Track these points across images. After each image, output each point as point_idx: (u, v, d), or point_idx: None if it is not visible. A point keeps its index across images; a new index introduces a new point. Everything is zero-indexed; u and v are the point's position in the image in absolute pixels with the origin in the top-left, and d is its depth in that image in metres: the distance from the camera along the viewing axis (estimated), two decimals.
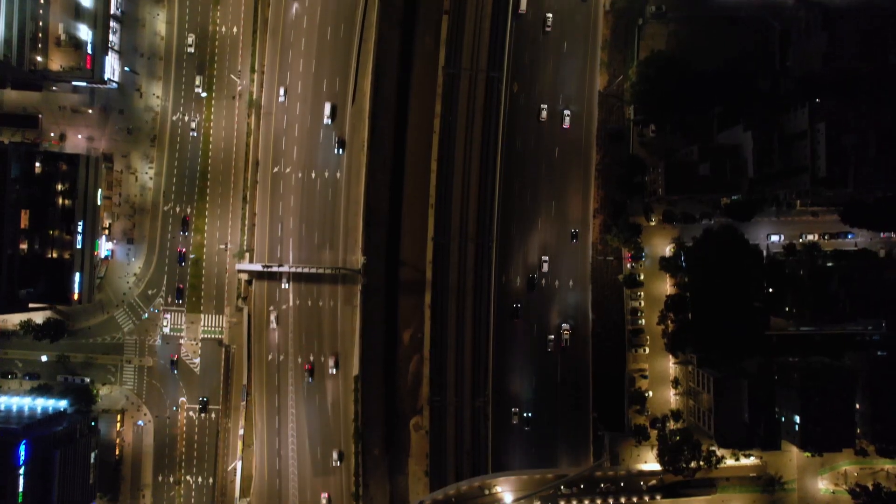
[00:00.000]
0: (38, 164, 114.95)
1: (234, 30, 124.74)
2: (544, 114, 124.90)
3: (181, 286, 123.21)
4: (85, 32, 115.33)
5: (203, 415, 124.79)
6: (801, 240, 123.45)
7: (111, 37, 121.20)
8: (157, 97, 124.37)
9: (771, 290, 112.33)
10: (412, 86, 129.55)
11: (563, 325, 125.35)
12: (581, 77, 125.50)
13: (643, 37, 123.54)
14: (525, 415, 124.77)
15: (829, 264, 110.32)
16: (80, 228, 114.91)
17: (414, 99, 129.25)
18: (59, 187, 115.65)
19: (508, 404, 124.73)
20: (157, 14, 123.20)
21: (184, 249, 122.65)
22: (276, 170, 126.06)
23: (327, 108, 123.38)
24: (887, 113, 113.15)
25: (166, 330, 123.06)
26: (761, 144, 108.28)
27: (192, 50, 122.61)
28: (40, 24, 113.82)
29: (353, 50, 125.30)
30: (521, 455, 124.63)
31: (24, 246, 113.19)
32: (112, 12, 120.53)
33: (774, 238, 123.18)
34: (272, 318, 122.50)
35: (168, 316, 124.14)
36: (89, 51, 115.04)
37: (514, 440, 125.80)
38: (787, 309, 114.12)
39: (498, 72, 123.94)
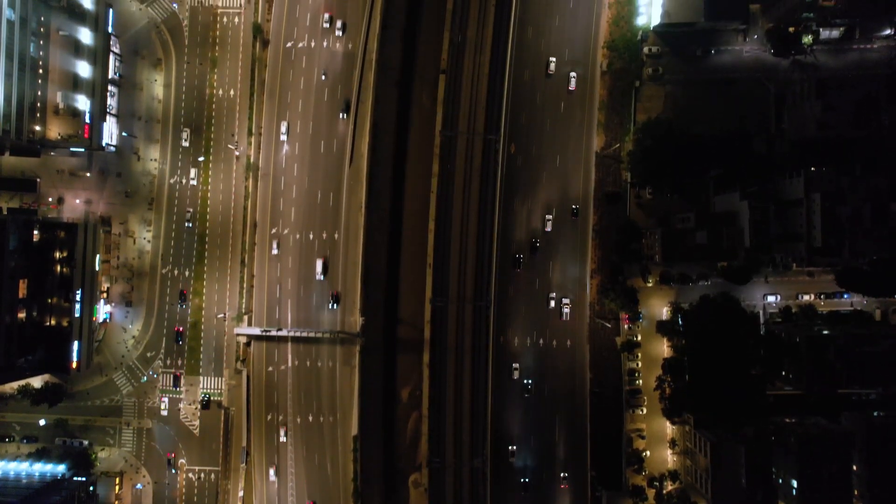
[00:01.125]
0: (36, 232, 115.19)
1: (231, 93, 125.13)
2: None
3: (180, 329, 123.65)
4: (83, 102, 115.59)
5: (202, 476, 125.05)
6: (797, 299, 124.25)
7: (109, 100, 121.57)
8: (155, 160, 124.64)
9: (768, 356, 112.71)
10: (410, 145, 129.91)
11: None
12: (578, 138, 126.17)
13: (640, 98, 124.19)
14: (523, 471, 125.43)
15: (826, 332, 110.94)
16: (78, 297, 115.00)
17: (411, 158, 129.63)
18: (58, 255, 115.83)
19: (507, 465, 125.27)
20: (155, 79, 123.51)
21: (181, 328, 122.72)
22: (274, 231, 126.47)
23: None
24: (881, 180, 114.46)
25: (164, 404, 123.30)
26: (757, 214, 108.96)
27: (186, 144, 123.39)
28: (39, 93, 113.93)
29: (351, 112, 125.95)
30: None
31: (21, 315, 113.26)
32: (110, 77, 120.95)
33: (771, 299, 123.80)
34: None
35: (166, 377, 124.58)
36: (87, 120, 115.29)
37: (514, 499, 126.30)
38: (783, 373, 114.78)
39: (495, 134, 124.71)
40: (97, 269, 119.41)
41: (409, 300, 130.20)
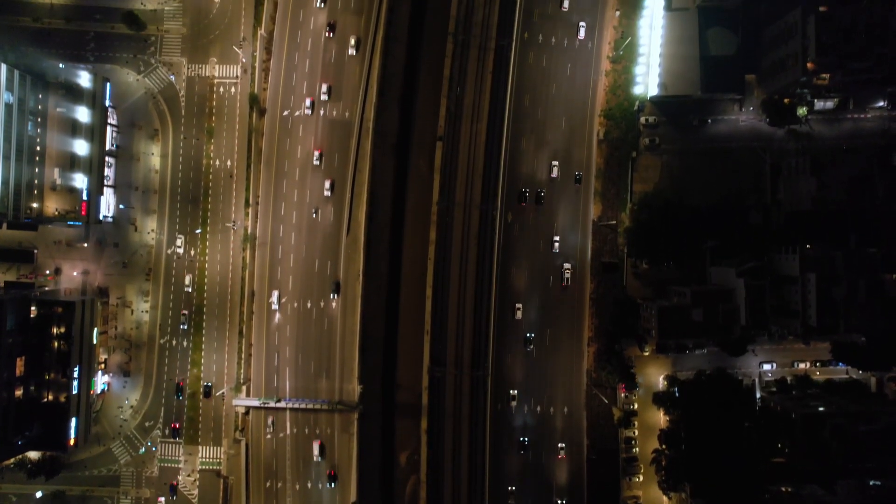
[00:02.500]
0: (33, 308, 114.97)
1: (228, 163, 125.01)
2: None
3: (177, 425, 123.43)
4: (80, 180, 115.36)
5: None
6: (792, 367, 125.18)
7: (106, 171, 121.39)
8: (153, 231, 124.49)
9: (764, 431, 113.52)
10: (407, 211, 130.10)
11: (560, 444, 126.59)
12: (575, 206, 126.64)
13: (637, 169, 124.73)
14: None
15: (821, 409, 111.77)
16: (75, 374, 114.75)
17: (409, 225, 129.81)
18: (55, 331, 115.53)
19: None
20: (152, 153, 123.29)
21: (177, 425, 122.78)
22: (271, 300, 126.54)
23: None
24: (875, 256, 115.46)
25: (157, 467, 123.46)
26: (753, 293, 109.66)
27: (180, 251, 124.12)
28: (36, 170, 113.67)
29: (348, 180, 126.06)
30: None
31: (19, 392, 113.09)
32: (107, 149, 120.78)
33: (767, 367, 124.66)
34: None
35: (165, 448, 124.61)
36: (85, 197, 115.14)
37: None
38: (779, 446, 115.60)
39: (492, 203, 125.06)
40: (95, 342, 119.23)
41: (407, 365, 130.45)
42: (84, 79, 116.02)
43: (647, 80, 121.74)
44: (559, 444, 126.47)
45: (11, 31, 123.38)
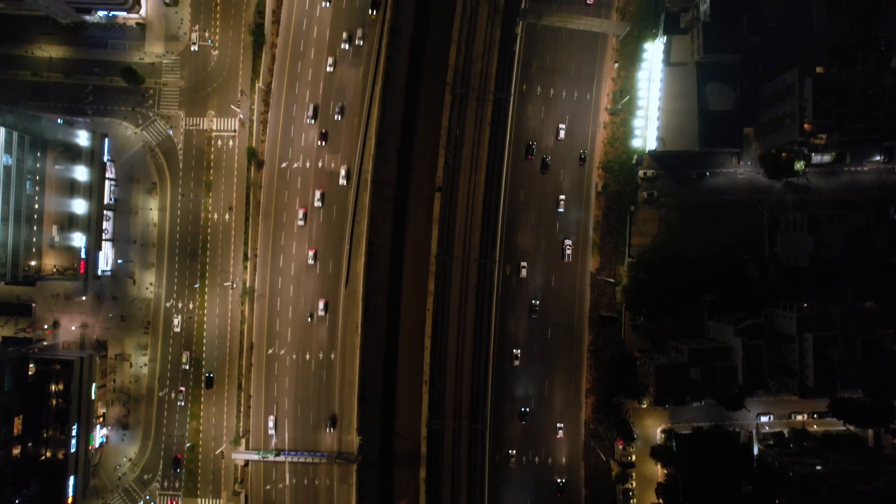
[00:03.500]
0: (31, 365, 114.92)
1: (227, 217, 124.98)
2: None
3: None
4: (78, 239, 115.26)
5: None
6: (790, 418, 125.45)
7: (104, 224, 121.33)
8: (151, 284, 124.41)
9: (761, 488, 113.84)
10: (405, 262, 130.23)
11: (558, 493, 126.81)
12: (573, 258, 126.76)
13: (635, 222, 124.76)
14: None
15: (818, 467, 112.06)
16: (74, 432, 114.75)
17: (408, 275, 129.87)
18: (53, 388, 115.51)
19: None
20: (150, 207, 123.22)
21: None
22: (270, 352, 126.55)
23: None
24: (872, 311, 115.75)
25: None
26: (751, 353, 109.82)
27: (186, 367, 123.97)
28: (34, 228, 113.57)
29: (346, 232, 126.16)
30: None
31: (16, 451, 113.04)
32: (105, 202, 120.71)
33: (764, 418, 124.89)
34: None
35: (164, 501, 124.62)
36: (83, 255, 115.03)
37: None
38: (776, 502, 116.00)
39: (490, 255, 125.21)
40: (93, 397, 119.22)
41: (406, 414, 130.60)
42: (82, 137, 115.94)
43: (646, 132, 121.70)
44: (557, 494, 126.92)
45: (11, 84, 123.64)
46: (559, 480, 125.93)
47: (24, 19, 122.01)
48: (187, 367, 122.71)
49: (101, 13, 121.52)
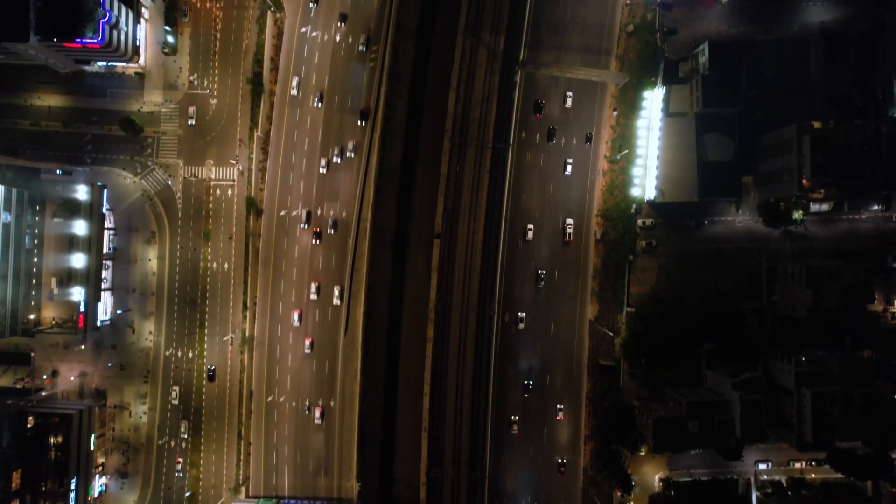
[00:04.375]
0: (30, 417, 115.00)
1: (225, 266, 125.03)
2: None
3: None
4: (77, 293, 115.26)
5: None
6: (788, 465, 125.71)
7: (103, 273, 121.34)
8: (151, 333, 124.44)
9: None
10: (405, 308, 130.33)
11: None
12: (572, 306, 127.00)
13: (633, 271, 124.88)
14: None
15: None
16: (73, 485, 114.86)
17: (407, 321, 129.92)
18: (52, 441, 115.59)
19: None
20: (150, 258, 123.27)
21: None
22: (269, 399, 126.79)
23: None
24: (870, 361, 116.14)
25: None
26: (749, 407, 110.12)
27: (175, 402, 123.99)
28: (33, 281, 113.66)
29: (346, 280, 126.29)
30: None
31: None
32: (104, 252, 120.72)
33: (762, 466, 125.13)
34: None
35: None
36: (82, 308, 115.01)
37: None
38: None
39: (490, 303, 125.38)
40: (92, 448, 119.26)
41: (405, 459, 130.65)
42: (81, 192, 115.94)
43: (645, 181, 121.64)
44: None
45: (10, 133, 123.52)
46: None
47: (24, 69, 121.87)
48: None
49: (100, 63, 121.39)
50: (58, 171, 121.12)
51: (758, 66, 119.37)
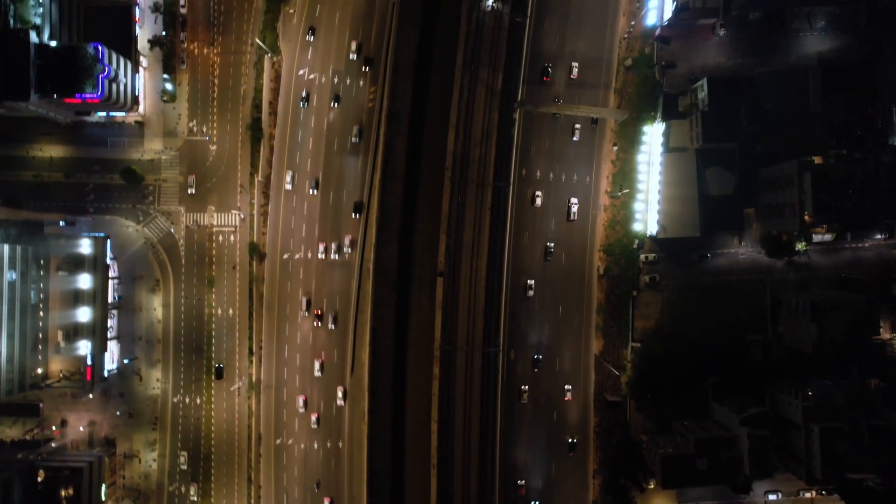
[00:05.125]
0: (41, 471, 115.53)
1: (230, 312, 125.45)
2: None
3: None
4: (84, 346, 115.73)
5: None
6: (798, 496, 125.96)
7: (109, 322, 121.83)
8: (158, 380, 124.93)
9: None
10: (410, 346, 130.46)
11: None
12: (577, 341, 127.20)
13: (637, 305, 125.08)
14: None
15: None
16: None
17: (412, 360, 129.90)
18: (63, 493, 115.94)
19: None
20: (154, 306, 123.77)
21: None
22: (278, 441, 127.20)
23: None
24: (877, 392, 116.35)
25: None
26: (756, 443, 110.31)
27: (184, 467, 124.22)
28: (39, 335, 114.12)
29: (350, 322, 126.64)
30: None
31: None
32: (109, 302, 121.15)
33: (772, 497, 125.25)
34: None
35: None
36: (89, 361, 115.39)
37: None
38: None
39: (494, 343, 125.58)
40: (103, 499, 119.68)
41: (414, 499, 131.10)
42: (84, 246, 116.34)
43: (646, 216, 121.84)
44: None
45: (13, 185, 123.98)
46: None
47: (24, 121, 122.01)
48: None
49: (100, 114, 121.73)
50: (61, 223, 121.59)
51: (757, 99, 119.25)
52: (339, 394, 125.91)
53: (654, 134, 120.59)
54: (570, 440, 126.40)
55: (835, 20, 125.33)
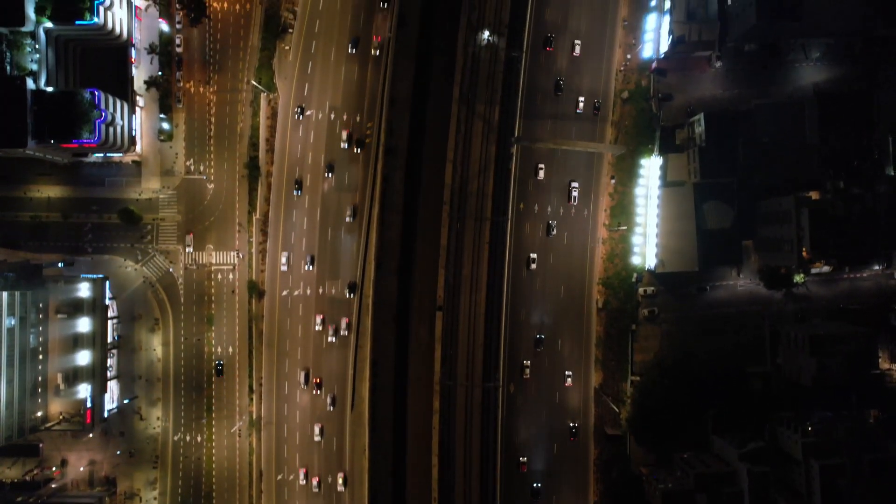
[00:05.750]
0: None
1: (230, 349, 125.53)
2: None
3: None
4: (84, 390, 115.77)
5: None
6: None
7: (109, 361, 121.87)
8: (158, 418, 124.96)
9: None
10: (409, 380, 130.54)
11: None
12: (577, 376, 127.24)
13: (636, 339, 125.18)
14: None
15: None
16: None
17: (412, 393, 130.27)
18: None
19: None
20: (154, 347, 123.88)
21: None
22: (279, 477, 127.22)
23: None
24: (878, 424, 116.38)
25: None
26: (757, 480, 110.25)
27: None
28: (39, 379, 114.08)
29: (350, 358, 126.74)
30: None
31: None
32: (109, 342, 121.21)
33: None
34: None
35: None
36: (88, 404, 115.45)
37: None
38: None
39: (494, 377, 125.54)
40: None
41: None
42: (83, 289, 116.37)
43: (645, 250, 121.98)
44: None
45: (11, 226, 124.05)
46: None
47: (22, 161, 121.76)
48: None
49: (98, 155, 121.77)
50: (60, 264, 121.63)
51: (754, 132, 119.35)
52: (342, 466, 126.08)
53: (651, 167, 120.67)
54: (573, 427, 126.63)
55: (830, 51, 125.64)
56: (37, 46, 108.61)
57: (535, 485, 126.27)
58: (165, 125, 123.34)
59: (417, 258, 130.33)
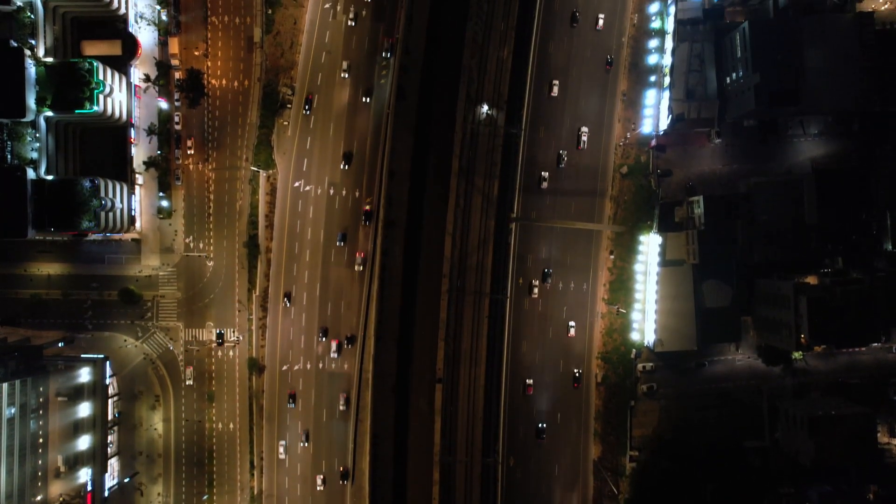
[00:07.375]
0: None
1: (231, 426, 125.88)
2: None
3: None
4: (84, 474, 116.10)
5: None
6: None
7: (109, 437, 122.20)
8: (159, 494, 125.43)
9: None
10: (409, 452, 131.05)
11: None
12: (575, 448, 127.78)
13: (635, 414, 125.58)
14: None
15: None
16: None
17: (412, 466, 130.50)
18: None
19: None
20: (154, 426, 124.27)
21: None
22: None
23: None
24: (877, 503, 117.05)
25: None
26: None
27: None
28: (39, 462, 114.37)
29: (350, 430, 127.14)
30: None
31: None
32: (109, 418, 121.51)
33: None
34: None
35: None
36: (89, 488, 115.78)
37: None
38: None
39: (493, 452, 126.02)
40: None
41: None
42: (84, 374, 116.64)
43: (644, 325, 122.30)
44: None
45: (11, 303, 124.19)
46: None
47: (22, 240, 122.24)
48: None
49: (98, 235, 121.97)
50: (60, 343, 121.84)
51: (752, 211, 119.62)
52: None
53: (650, 244, 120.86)
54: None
55: (828, 127, 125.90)
56: (37, 135, 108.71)
57: None
58: (164, 203, 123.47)
59: (417, 330, 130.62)
